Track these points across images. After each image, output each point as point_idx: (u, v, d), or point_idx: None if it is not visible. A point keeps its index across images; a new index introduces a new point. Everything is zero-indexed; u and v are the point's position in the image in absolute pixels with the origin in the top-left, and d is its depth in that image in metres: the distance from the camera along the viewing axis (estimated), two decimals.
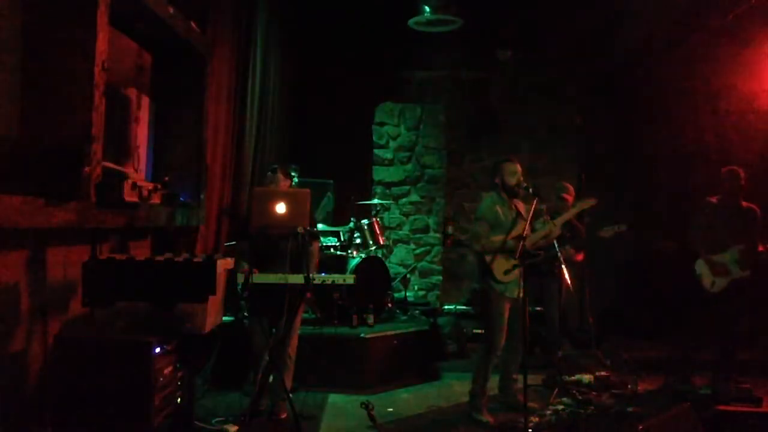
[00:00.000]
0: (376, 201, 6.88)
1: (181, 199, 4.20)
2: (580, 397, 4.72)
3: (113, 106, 3.63)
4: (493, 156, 7.41)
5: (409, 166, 7.85)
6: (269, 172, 4.35)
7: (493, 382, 4.68)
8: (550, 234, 4.55)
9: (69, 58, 2.94)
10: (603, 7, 6.16)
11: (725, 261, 5.23)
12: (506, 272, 4.35)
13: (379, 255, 6.14)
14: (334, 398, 4.88)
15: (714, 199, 5.38)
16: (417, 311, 6.52)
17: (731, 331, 5.23)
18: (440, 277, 7.80)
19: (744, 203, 5.30)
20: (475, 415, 4.48)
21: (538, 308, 5.76)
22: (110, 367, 2.78)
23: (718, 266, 5.22)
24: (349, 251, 5.87)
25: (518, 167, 4.51)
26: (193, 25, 4.25)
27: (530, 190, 4.34)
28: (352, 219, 6.11)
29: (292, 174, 4.93)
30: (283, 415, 4.26)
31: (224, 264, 3.29)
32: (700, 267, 5.26)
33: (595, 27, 6.60)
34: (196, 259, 3.02)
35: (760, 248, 5.13)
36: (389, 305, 6.02)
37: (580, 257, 5.68)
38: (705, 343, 5.36)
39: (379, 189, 7.77)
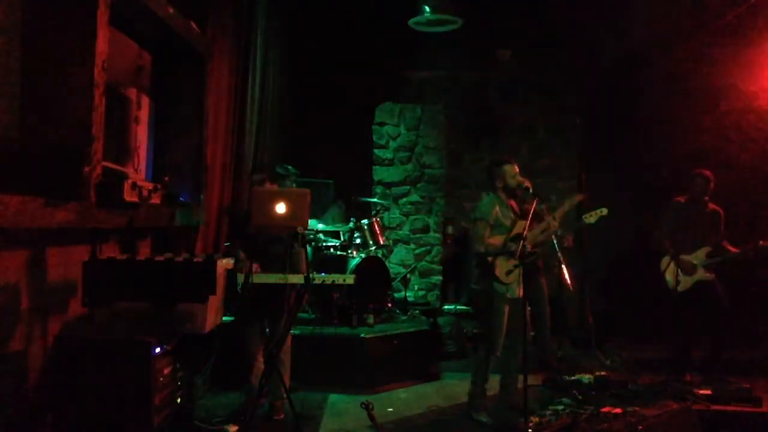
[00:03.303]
0: (376, 200, 6.88)
1: (181, 199, 4.20)
2: (580, 397, 4.71)
3: (113, 106, 3.63)
4: (493, 156, 7.41)
5: (409, 166, 7.85)
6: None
7: (493, 382, 4.68)
8: (549, 228, 4.56)
9: (69, 58, 2.94)
10: (603, 7, 6.16)
11: (694, 261, 5.28)
12: (509, 273, 4.35)
13: (379, 255, 6.14)
14: (334, 398, 4.88)
15: (682, 199, 5.44)
16: (417, 311, 6.51)
17: (692, 329, 5.34)
18: (440, 277, 7.79)
19: (711, 205, 5.37)
20: (474, 415, 4.48)
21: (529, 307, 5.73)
22: (110, 367, 2.78)
23: (686, 266, 5.27)
24: (349, 251, 5.86)
25: (516, 168, 4.51)
26: (193, 25, 4.25)
27: (530, 190, 4.35)
28: (352, 219, 6.11)
29: (288, 171, 4.92)
30: (282, 416, 4.26)
31: (224, 264, 3.29)
32: (666, 265, 5.31)
33: (595, 27, 6.60)
34: (196, 259, 3.02)
35: (734, 250, 5.21)
36: (389, 305, 6.01)
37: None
38: (696, 343, 5.41)
39: (379, 189, 7.77)
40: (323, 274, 4.02)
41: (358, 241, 5.99)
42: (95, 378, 2.76)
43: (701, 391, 4.74)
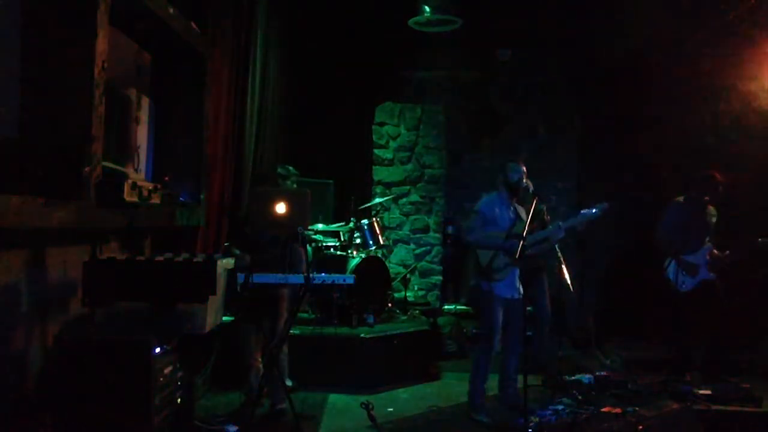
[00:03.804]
0: (376, 201, 6.88)
1: (181, 199, 4.20)
2: (580, 397, 4.72)
3: (113, 106, 3.63)
4: (493, 156, 7.40)
5: (409, 166, 7.85)
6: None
7: (493, 382, 4.68)
8: (554, 236, 4.55)
9: (69, 58, 2.94)
10: (603, 7, 6.16)
11: (696, 262, 5.29)
12: (498, 271, 4.36)
13: (379, 255, 6.14)
14: (334, 398, 4.88)
15: (681, 199, 5.45)
16: (417, 311, 6.51)
17: (693, 329, 5.33)
18: (440, 277, 7.80)
19: (709, 205, 5.39)
20: (474, 415, 4.49)
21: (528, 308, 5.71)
22: (110, 367, 2.78)
23: (689, 266, 5.28)
24: (349, 251, 5.86)
25: (522, 167, 4.54)
26: (193, 25, 4.25)
27: (530, 190, 4.35)
28: (352, 219, 6.11)
29: (288, 172, 4.93)
30: (281, 406, 4.25)
31: (224, 264, 3.29)
32: (671, 266, 5.32)
33: (596, 27, 6.59)
34: (196, 259, 3.02)
35: (716, 252, 5.27)
36: (389, 305, 6.01)
37: None
38: (697, 343, 5.41)
39: (379, 189, 7.77)
40: (323, 274, 4.02)
41: (358, 241, 5.99)
42: (95, 378, 2.76)
43: (701, 391, 4.74)
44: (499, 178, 4.55)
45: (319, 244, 6.00)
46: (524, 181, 4.49)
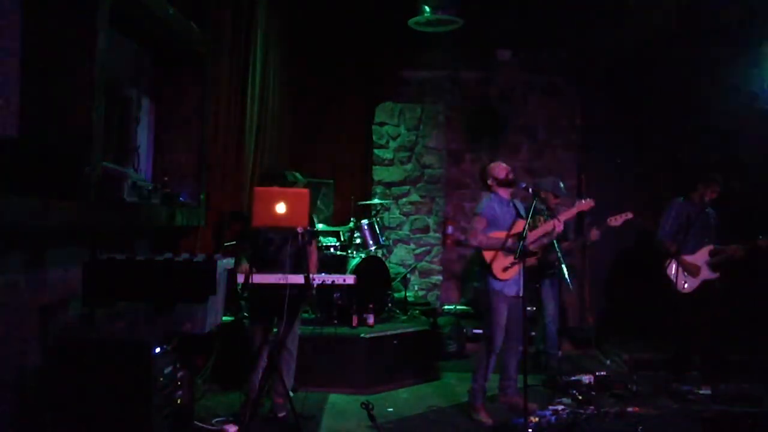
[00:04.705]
0: (376, 201, 6.88)
1: (181, 199, 4.20)
2: (580, 397, 4.72)
3: (113, 106, 3.63)
4: (494, 156, 7.41)
5: (409, 166, 7.85)
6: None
7: (493, 382, 4.69)
8: (553, 230, 4.57)
9: (69, 58, 2.94)
10: (603, 7, 6.15)
11: (698, 262, 5.30)
12: (505, 269, 4.37)
13: (379, 255, 6.14)
14: (334, 398, 4.88)
15: (681, 200, 5.46)
16: (417, 311, 6.51)
17: (693, 330, 5.35)
18: (440, 277, 7.80)
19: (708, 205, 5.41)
20: (474, 415, 4.49)
21: (530, 308, 5.71)
22: (110, 367, 2.78)
23: (691, 267, 5.29)
24: (349, 251, 5.87)
25: (503, 164, 4.58)
26: (193, 25, 4.25)
27: (530, 189, 4.36)
28: (352, 219, 6.12)
29: (296, 179, 4.93)
30: (283, 414, 4.26)
31: (224, 264, 3.29)
32: (673, 267, 5.32)
33: (595, 27, 6.59)
34: (196, 259, 3.02)
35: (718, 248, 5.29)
36: (389, 305, 6.01)
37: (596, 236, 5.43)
38: (697, 343, 5.41)
39: (379, 189, 7.77)
40: (323, 274, 4.01)
41: (358, 241, 5.99)
42: (95, 378, 2.76)
43: (701, 391, 4.74)
44: (490, 182, 4.55)
45: (319, 244, 6.00)
46: (511, 172, 4.52)
